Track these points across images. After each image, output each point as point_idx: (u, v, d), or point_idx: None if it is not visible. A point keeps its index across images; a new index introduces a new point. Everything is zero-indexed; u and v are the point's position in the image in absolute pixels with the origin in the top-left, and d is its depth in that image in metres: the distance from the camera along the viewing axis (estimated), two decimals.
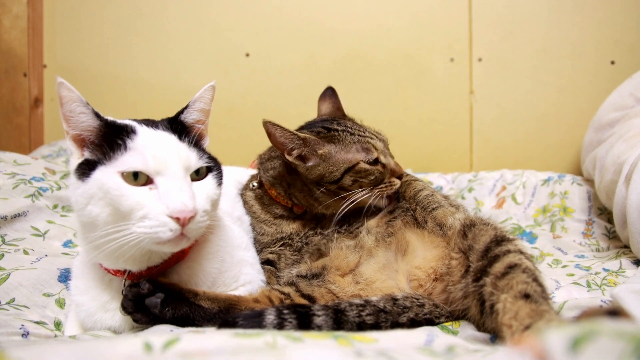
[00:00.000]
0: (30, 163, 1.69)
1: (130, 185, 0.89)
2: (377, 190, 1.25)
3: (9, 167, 1.59)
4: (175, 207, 0.87)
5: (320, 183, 1.25)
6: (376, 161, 1.25)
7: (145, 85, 2.50)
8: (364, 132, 1.29)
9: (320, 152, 1.24)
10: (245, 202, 1.42)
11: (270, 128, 1.21)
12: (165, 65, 2.50)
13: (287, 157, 1.25)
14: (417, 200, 1.27)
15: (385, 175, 1.26)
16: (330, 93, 1.46)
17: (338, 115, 1.41)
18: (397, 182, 1.28)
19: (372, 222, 1.28)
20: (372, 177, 1.24)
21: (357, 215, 1.28)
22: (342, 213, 1.24)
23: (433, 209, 1.22)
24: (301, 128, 1.37)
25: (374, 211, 1.27)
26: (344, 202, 1.23)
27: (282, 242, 1.31)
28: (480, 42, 2.37)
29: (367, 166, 1.23)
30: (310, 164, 1.25)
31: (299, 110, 1.45)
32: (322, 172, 1.23)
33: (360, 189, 1.24)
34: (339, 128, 1.28)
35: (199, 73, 2.47)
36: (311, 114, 1.45)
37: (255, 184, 1.42)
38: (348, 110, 1.43)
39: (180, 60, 2.49)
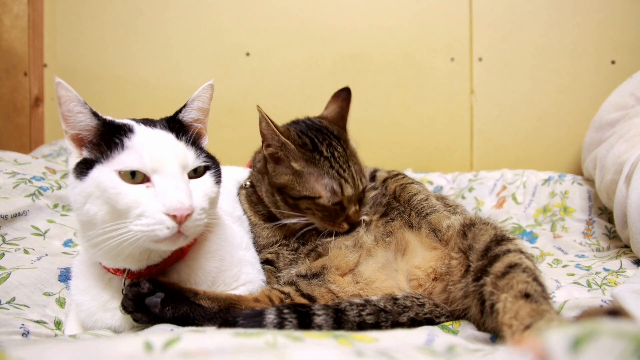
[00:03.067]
0: (30, 162, 1.69)
1: (127, 183, 0.89)
2: (325, 224, 1.25)
3: (9, 166, 1.59)
4: (171, 205, 0.88)
5: (281, 190, 1.25)
6: (338, 203, 1.23)
7: (145, 85, 2.50)
8: (344, 172, 1.23)
9: (293, 164, 1.22)
10: (239, 202, 1.42)
11: (260, 115, 1.20)
12: (166, 65, 2.50)
13: (264, 149, 1.25)
14: (412, 204, 1.26)
15: (339, 217, 1.24)
16: (344, 96, 1.39)
17: (340, 125, 1.36)
18: (346, 228, 1.25)
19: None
20: (327, 214, 1.23)
21: (307, 231, 1.29)
22: (288, 223, 1.26)
23: (427, 214, 1.21)
24: (296, 123, 1.35)
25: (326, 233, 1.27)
26: (296, 217, 1.24)
27: (278, 244, 1.31)
28: (481, 42, 2.37)
29: (326, 204, 1.21)
30: (280, 167, 1.24)
31: (300, 110, 1.44)
32: (286, 182, 1.22)
33: (312, 215, 1.24)
34: (325, 153, 1.23)
35: (200, 72, 2.47)
36: (312, 114, 1.44)
37: (247, 182, 1.42)
38: (350, 109, 1.42)
39: (180, 59, 2.49)
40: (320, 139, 1.26)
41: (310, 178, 1.21)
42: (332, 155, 1.24)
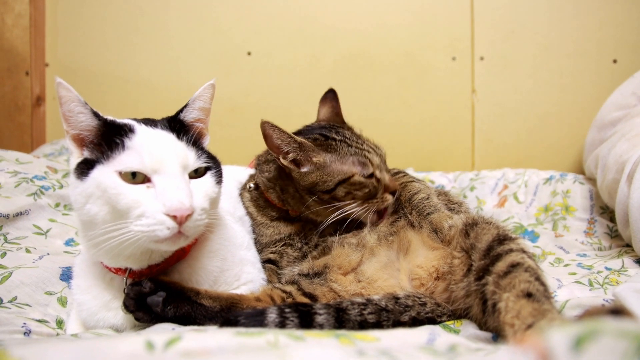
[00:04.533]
0: (32, 161, 1.69)
1: (127, 183, 0.89)
2: (367, 204, 1.23)
3: (11, 165, 1.59)
4: (171, 205, 0.88)
5: (313, 191, 1.23)
6: (371, 175, 1.23)
7: (146, 84, 2.50)
8: (362, 145, 1.27)
9: (315, 159, 1.22)
10: (242, 203, 1.41)
11: (267, 129, 1.19)
12: (167, 64, 2.50)
13: (282, 160, 1.22)
14: (413, 204, 1.26)
15: (378, 190, 1.24)
16: (331, 96, 1.42)
17: (337, 121, 1.38)
18: (390, 199, 1.25)
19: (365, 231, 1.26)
20: (366, 191, 1.22)
21: (345, 226, 1.26)
22: (327, 223, 1.24)
23: (428, 214, 1.21)
24: (298, 133, 1.35)
25: (358, 225, 1.26)
26: (334, 213, 1.22)
27: (282, 242, 1.31)
28: (482, 41, 2.37)
29: (362, 179, 1.21)
30: (304, 170, 1.23)
31: (301, 109, 1.44)
32: (315, 180, 1.22)
33: (352, 201, 1.22)
34: (337, 137, 1.26)
35: (201, 72, 2.47)
36: (313, 114, 1.45)
37: (252, 185, 1.41)
38: (350, 109, 1.42)
39: (181, 59, 2.49)
40: (326, 131, 1.29)
41: (336, 163, 1.22)
42: (344, 137, 1.27)
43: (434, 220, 1.18)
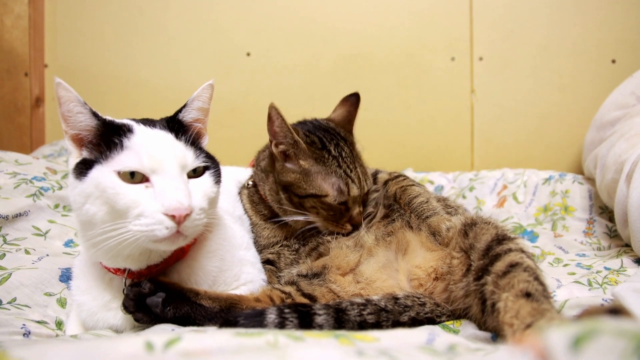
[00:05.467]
0: (31, 163, 1.69)
1: (126, 183, 0.89)
2: (328, 224, 1.26)
3: (10, 166, 1.59)
4: (170, 205, 0.88)
5: (287, 188, 1.25)
6: (343, 203, 1.24)
7: (146, 85, 2.50)
8: (351, 171, 1.26)
9: (301, 162, 1.23)
10: (240, 201, 1.42)
11: (273, 114, 1.21)
12: (167, 65, 2.50)
13: (273, 147, 1.25)
14: (412, 207, 1.27)
15: (343, 217, 1.26)
16: (352, 101, 1.41)
17: (346, 128, 1.37)
18: (349, 229, 1.27)
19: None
20: (332, 213, 1.25)
21: (307, 229, 1.29)
22: (288, 220, 1.27)
23: (427, 217, 1.21)
24: (303, 123, 1.36)
25: (318, 231, 1.28)
26: (299, 216, 1.24)
27: (279, 244, 1.31)
28: (482, 41, 2.37)
29: (332, 203, 1.23)
30: (288, 165, 1.25)
31: (301, 110, 1.44)
32: (292, 180, 1.24)
33: (316, 215, 1.25)
34: (333, 152, 1.26)
35: (200, 72, 2.47)
36: (312, 114, 1.44)
37: (250, 182, 1.42)
38: None
39: (181, 59, 2.49)
40: (328, 138, 1.28)
41: (318, 176, 1.22)
42: (339, 154, 1.26)
43: (433, 223, 1.19)
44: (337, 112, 1.43)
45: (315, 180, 1.22)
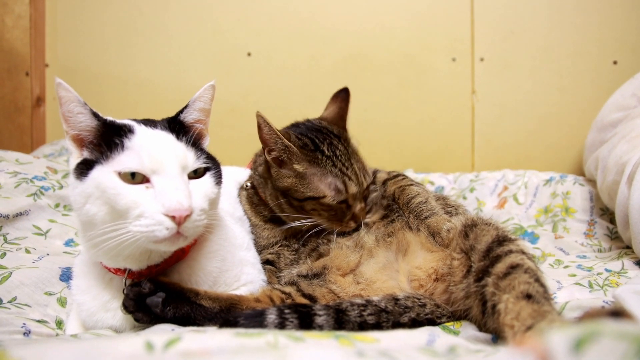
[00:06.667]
0: (32, 162, 1.69)
1: (126, 184, 0.89)
2: (331, 224, 1.24)
3: (11, 166, 1.59)
4: (170, 206, 0.88)
5: (286, 194, 1.24)
6: (343, 201, 1.23)
7: (146, 85, 2.50)
8: (347, 169, 1.23)
9: (296, 166, 1.21)
10: (240, 202, 1.42)
11: (260, 122, 1.20)
12: (167, 65, 2.50)
13: (267, 155, 1.24)
14: (410, 207, 1.25)
15: (346, 216, 1.24)
16: (343, 97, 1.39)
17: (339, 125, 1.35)
18: (353, 226, 1.25)
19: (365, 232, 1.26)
20: (333, 213, 1.23)
21: (314, 232, 1.27)
22: (292, 225, 1.25)
23: (426, 217, 1.20)
24: (295, 126, 1.34)
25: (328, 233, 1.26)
26: (301, 219, 1.23)
27: (279, 245, 1.31)
28: (482, 42, 2.37)
29: (331, 203, 1.21)
30: (283, 170, 1.23)
31: (301, 110, 1.44)
32: (289, 185, 1.22)
33: (318, 216, 1.24)
34: (326, 152, 1.23)
35: (201, 73, 2.47)
36: (313, 114, 1.44)
37: (249, 184, 1.41)
38: (350, 110, 1.42)
39: (181, 59, 2.49)
40: (320, 138, 1.26)
41: (314, 178, 1.21)
42: (333, 153, 1.24)
43: (432, 224, 1.18)
44: (329, 110, 1.41)
45: (312, 183, 1.21)
